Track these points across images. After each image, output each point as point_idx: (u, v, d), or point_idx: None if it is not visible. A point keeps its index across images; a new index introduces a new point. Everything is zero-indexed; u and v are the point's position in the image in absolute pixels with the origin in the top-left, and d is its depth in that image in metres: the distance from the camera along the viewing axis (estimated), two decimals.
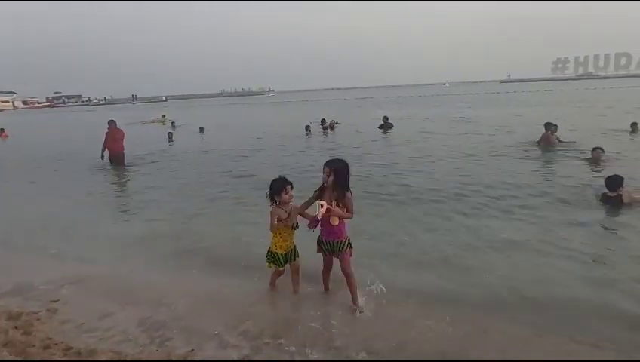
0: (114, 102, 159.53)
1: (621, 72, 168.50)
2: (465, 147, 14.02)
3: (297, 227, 4.23)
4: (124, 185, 11.35)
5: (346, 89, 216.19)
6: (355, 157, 12.48)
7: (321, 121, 21.59)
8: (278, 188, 4.12)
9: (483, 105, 38.76)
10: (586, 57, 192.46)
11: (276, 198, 4.13)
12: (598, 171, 9.47)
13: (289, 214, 4.16)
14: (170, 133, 21.28)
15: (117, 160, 13.26)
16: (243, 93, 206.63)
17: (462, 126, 21.00)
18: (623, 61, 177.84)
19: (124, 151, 13.56)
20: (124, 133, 13.72)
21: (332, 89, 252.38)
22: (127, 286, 4.86)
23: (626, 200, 7.01)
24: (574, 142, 12.89)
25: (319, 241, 4.18)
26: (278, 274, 4.46)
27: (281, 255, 4.23)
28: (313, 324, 3.92)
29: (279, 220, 4.12)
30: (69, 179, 12.16)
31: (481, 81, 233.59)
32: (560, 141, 12.93)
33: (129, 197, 10.06)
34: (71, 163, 14.77)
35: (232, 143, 17.81)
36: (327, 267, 4.35)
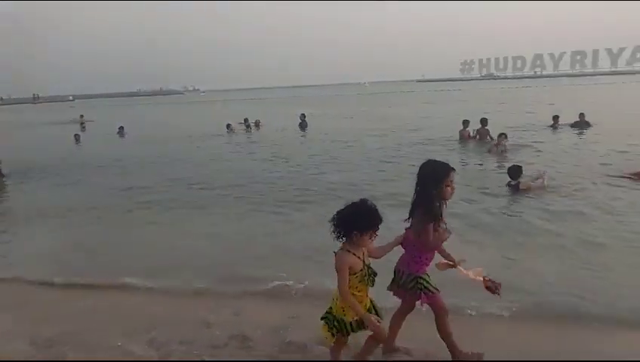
0: (12, 102, 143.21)
1: (517, 73, 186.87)
2: (383, 143, 14.55)
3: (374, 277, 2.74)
4: None
5: (271, 88, 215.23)
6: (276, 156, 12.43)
7: (244, 120, 21.30)
8: (369, 225, 2.58)
9: (405, 103, 40.68)
10: (488, 60, 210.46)
11: (355, 238, 2.59)
12: (507, 162, 10.10)
13: (364, 261, 2.67)
14: (77, 135, 19.60)
15: None
16: (163, 93, 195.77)
17: (380, 123, 21.77)
18: (519, 63, 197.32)
19: None
20: None
21: (258, 88, 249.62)
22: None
23: (522, 187, 7.74)
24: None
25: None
26: (342, 345, 2.91)
27: (353, 322, 2.70)
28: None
29: (352, 272, 2.61)
30: None
31: (398, 81, 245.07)
32: (491, 138, 12.93)
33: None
34: None
35: (156, 146, 16.78)
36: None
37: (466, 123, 13.89)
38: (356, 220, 2.55)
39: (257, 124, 21.53)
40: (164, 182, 9.90)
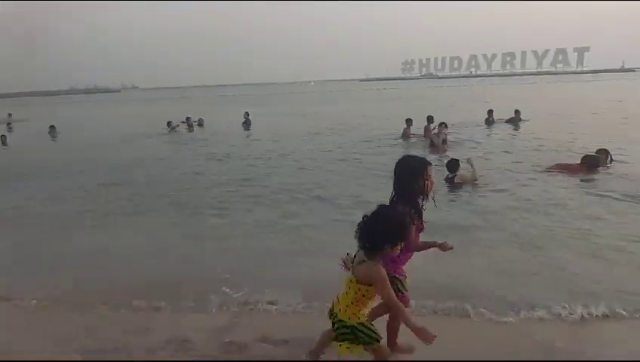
0: None
1: (454, 73, 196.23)
2: (328, 141, 14.69)
3: None
4: None
5: (219, 86, 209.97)
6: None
7: (186, 119, 20.63)
8: (401, 237, 2.47)
9: (348, 101, 41.24)
10: (428, 60, 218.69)
11: (385, 251, 2.47)
12: (445, 158, 10.55)
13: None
14: (3, 136, 17.95)
15: None
16: (98, 90, 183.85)
17: (323, 121, 21.94)
18: (456, 64, 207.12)
19: None
20: None
21: (205, 86, 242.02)
22: None
23: (457, 180, 8.14)
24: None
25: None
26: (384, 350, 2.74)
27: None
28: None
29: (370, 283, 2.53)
30: None
31: (342, 80, 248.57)
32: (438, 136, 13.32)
33: None
34: None
35: (90, 148, 15.79)
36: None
37: (409, 121, 14.32)
38: (390, 234, 2.42)
39: (200, 123, 20.99)
40: (93, 188, 9.30)
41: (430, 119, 14.12)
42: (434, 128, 13.35)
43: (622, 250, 4.97)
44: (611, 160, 9.00)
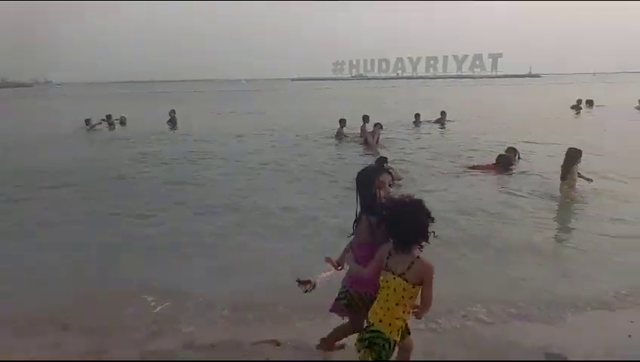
0: None
1: (382, 74, 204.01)
2: (258, 142, 14.62)
3: None
4: None
5: (146, 82, 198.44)
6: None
7: (106, 117, 19.33)
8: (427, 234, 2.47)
9: (280, 101, 41.09)
10: (358, 61, 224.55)
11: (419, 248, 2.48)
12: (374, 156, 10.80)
13: None
14: None
15: None
16: (7, 85, 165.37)
17: (254, 120, 21.71)
18: (384, 65, 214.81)
19: None
20: None
21: (133, 82, 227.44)
22: None
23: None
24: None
25: None
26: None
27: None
28: None
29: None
30: None
31: (274, 79, 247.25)
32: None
33: None
34: None
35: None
36: None
37: (342, 122, 14.56)
38: (426, 230, 2.42)
39: (123, 121, 19.73)
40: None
41: (366, 119, 14.49)
42: (373, 128, 13.89)
43: (531, 248, 5.32)
44: (519, 157, 9.90)
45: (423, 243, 2.42)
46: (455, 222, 6.24)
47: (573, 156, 7.18)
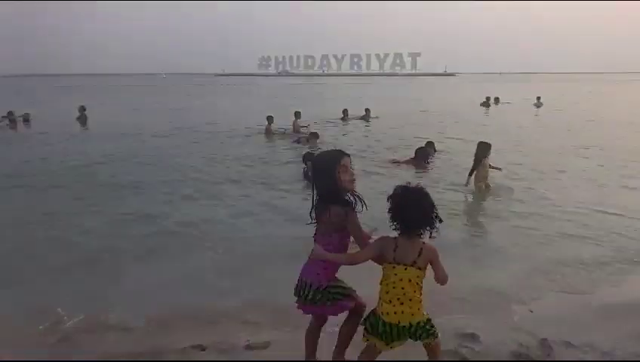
0: None
1: (309, 71, 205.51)
2: (177, 140, 14.09)
3: None
4: None
5: (59, 75, 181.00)
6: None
7: (7, 113, 17.42)
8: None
9: (201, 96, 39.71)
10: (284, 57, 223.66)
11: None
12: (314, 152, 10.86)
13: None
14: None
15: None
16: None
17: (174, 117, 20.85)
18: (309, 62, 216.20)
19: None
20: None
21: (43, 75, 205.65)
22: None
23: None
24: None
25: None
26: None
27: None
28: None
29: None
30: None
31: (197, 73, 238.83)
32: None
33: None
34: None
35: None
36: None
37: (270, 118, 14.44)
38: (430, 215, 2.45)
39: (26, 118, 18.00)
40: None
41: (297, 115, 14.79)
42: (307, 125, 14.54)
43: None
44: (435, 150, 10.53)
45: (428, 228, 2.44)
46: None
47: (483, 149, 7.72)
